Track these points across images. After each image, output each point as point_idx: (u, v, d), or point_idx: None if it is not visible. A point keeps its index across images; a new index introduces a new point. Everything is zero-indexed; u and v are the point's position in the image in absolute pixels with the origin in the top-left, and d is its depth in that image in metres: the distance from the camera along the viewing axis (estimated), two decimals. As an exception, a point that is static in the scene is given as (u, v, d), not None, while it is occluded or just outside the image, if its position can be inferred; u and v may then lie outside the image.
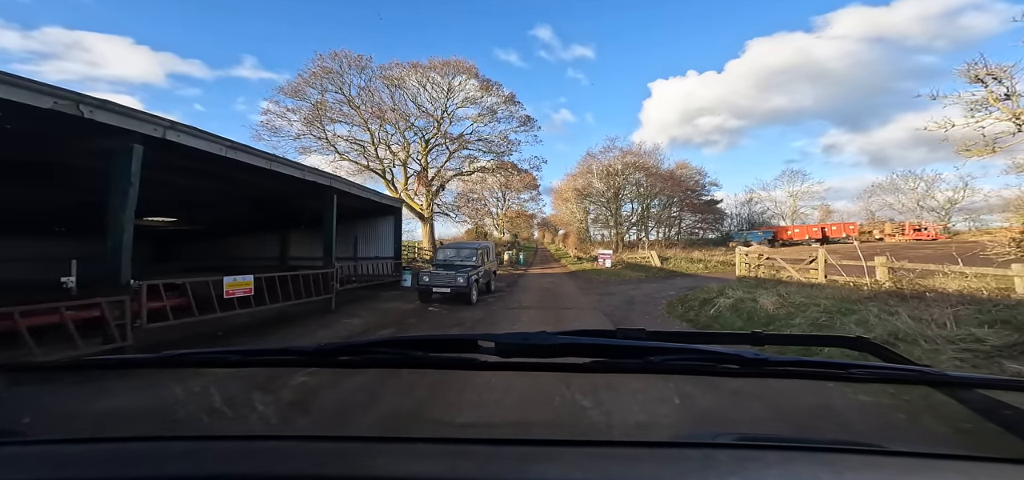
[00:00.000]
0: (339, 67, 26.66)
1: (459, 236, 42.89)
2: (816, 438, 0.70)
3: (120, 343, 4.99)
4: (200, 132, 6.63)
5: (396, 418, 1.08)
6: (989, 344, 4.39)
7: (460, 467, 0.59)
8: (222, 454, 0.63)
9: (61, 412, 0.92)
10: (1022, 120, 5.53)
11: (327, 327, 8.69)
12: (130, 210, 5.61)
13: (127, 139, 5.63)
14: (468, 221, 44.72)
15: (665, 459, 0.61)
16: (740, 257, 12.77)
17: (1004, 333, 4.45)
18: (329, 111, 27.09)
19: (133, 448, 0.67)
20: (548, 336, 0.79)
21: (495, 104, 29.62)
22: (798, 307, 7.39)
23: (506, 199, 45.68)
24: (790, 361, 0.79)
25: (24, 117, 4.90)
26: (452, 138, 29.71)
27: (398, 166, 29.73)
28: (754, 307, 8.31)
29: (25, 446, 0.69)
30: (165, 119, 5.97)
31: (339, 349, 0.88)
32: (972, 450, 0.65)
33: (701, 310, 9.56)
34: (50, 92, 4.71)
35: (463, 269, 12.09)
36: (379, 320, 9.59)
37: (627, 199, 45.55)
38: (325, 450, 0.63)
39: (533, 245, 55.27)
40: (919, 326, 5.11)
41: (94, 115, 5.07)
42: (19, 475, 0.59)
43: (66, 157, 7.43)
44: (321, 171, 11.82)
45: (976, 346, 4.45)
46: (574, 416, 1.49)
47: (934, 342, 4.76)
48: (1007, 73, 5.73)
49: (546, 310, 11.08)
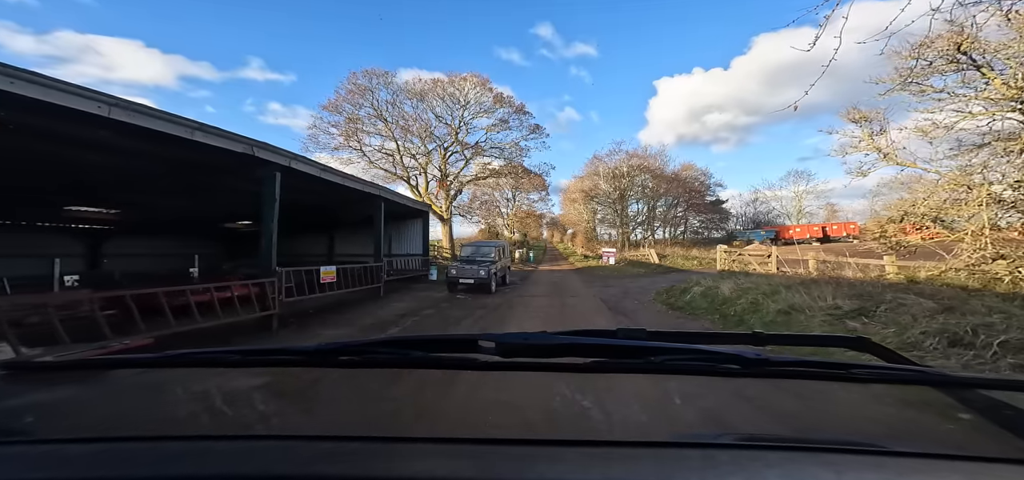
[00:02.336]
0: (369, 83, 29.79)
1: (474, 235, 45.53)
2: (817, 438, 0.70)
3: (273, 311, 7.57)
4: (310, 161, 9.23)
5: (396, 418, 1.02)
6: (843, 309, 6.67)
7: (460, 467, 0.58)
8: (222, 454, 0.63)
9: (62, 411, 0.90)
10: (884, 152, 7.55)
11: (382, 308, 11.18)
12: (275, 219, 8.21)
13: (273, 169, 8.19)
14: (482, 221, 47.28)
15: (666, 459, 0.61)
16: (720, 254, 14.99)
17: (855, 303, 6.71)
18: (362, 125, 30.18)
19: (133, 448, 0.67)
20: (549, 336, 0.80)
21: (507, 115, 32.24)
22: (745, 291, 9.64)
23: (516, 199, 48.02)
24: (791, 361, 0.80)
25: (225, 157, 7.52)
26: (468, 146, 32.44)
27: (420, 173, 32.57)
28: (717, 293, 10.56)
29: (25, 445, 0.69)
30: (289, 152, 8.59)
31: (339, 349, 0.89)
32: (973, 450, 0.64)
33: (680, 297, 11.83)
34: (242, 141, 7.29)
35: (484, 264, 14.52)
36: (420, 304, 12.05)
37: (633, 199, 47.51)
38: (325, 450, 0.63)
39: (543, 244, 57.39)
40: (810, 300, 7.38)
41: (257, 153, 7.66)
42: (20, 475, 0.59)
43: (230, 183, 10.16)
44: (375, 184, 14.49)
45: (836, 311, 6.73)
46: (574, 416, 1.25)
47: (814, 311, 7.03)
48: (878, 115, 7.79)
49: (553, 298, 13.45)
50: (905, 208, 7.31)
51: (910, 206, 7.17)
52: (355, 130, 30.23)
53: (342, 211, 16.07)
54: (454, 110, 31.53)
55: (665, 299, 12.27)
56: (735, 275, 12.95)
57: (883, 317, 5.96)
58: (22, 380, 1.02)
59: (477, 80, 30.99)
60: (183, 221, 17.30)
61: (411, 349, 0.84)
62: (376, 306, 11.37)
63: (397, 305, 11.69)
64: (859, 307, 6.53)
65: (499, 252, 16.06)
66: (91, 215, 15.00)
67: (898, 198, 7.72)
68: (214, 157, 7.42)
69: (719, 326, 8.26)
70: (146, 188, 10.94)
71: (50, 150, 7.46)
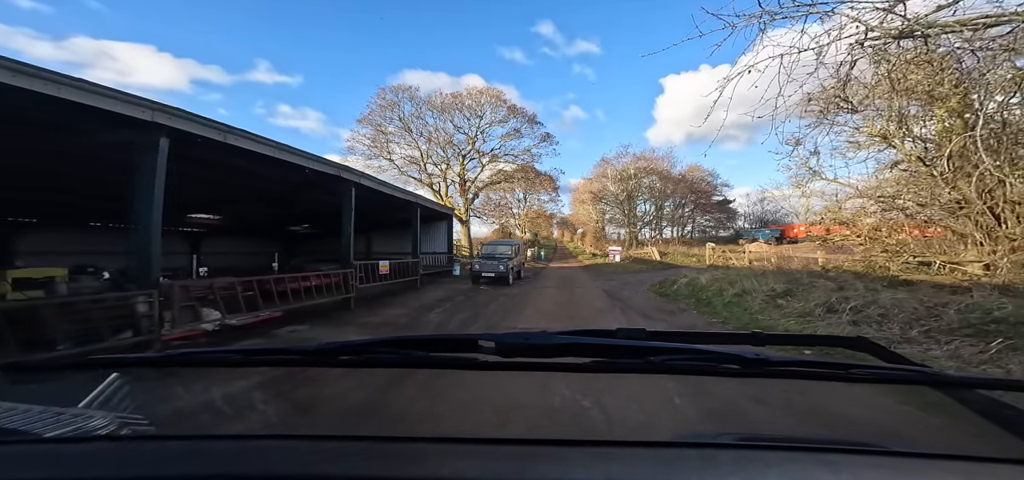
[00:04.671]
0: (396, 97, 33.31)
1: (488, 235, 48.15)
2: (817, 438, 0.70)
3: (351, 294, 10.17)
4: (374, 179, 11.91)
5: (396, 418, 1.07)
6: (777, 290, 8.94)
7: (460, 467, 0.59)
8: (222, 454, 0.63)
9: (62, 411, 0.90)
10: (813, 169, 9.76)
11: (422, 296, 13.66)
12: (351, 223, 10.86)
13: (349, 185, 10.85)
14: (495, 222, 49.86)
15: (666, 459, 0.61)
16: (708, 251, 17.21)
17: (785, 286, 8.97)
18: (391, 136, 33.40)
19: (134, 447, 0.67)
20: (548, 336, 0.79)
21: (520, 124, 35.09)
22: (717, 281, 11.90)
23: (527, 200, 50.49)
24: (790, 361, 0.80)
25: (320, 178, 10.20)
26: (484, 153, 35.32)
27: (441, 179, 35.67)
28: (697, 283, 12.82)
29: (26, 445, 0.70)
30: (358, 170, 11.24)
31: (340, 349, 0.88)
32: (972, 450, 0.64)
33: (669, 287, 14.09)
34: (333, 165, 9.96)
35: (502, 260, 16.98)
36: (452, 293, 14.52)
37: (641, 200, 49.47)
38: (325, 450, 0.63)
39: (553, 243, 59.41)
40: (757, 285, 9.65)
41: (342, 174, 10.32)
42: (19, 474, 0.59)
43: (314, 195, 12.98)
44: (412, 193, 17.12)
45: (772, 292, 9.00)
46: (575, 415, 1.48)
47: (758, 293, 9.30)
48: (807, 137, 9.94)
49: (562, 289, 15.85)
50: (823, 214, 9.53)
51: (825, 212, 9.39)
52: (386, 142, 33.63)
53: (383, 215, 18.79)
54: (471, 120, 34.45)
55: (657, 289, 14.55)
56: (717, 269, 15.17)
57: (799, 295, 8.23)
58: (22, 380, 1.00)
59: (492, 93, 33.89)
60: (261, 224, 20.39)
61: (411, 349, 0.82)
62: (416, 294, 13.91)
63: (433, 294, 14.19)
64: (787, 289, 8.80)
65: (515, 250, 18.55)
66: (202, 221, 18.58)
67: (822, 206, 9.92)
68: (312, 178, 10.08)
69: (693, 306, 10.53)
70: (249, 200, 13.75)
71: (217, 177, 10.22)
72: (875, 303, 6.27)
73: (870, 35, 4.88)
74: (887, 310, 5.93)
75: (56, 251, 14.68)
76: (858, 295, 6.91)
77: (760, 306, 8.53)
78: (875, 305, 6.21)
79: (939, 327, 5.18)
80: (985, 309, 4.98)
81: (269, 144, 8.19)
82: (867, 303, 6.44)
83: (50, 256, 13.60)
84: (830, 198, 9.41)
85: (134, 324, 5.42)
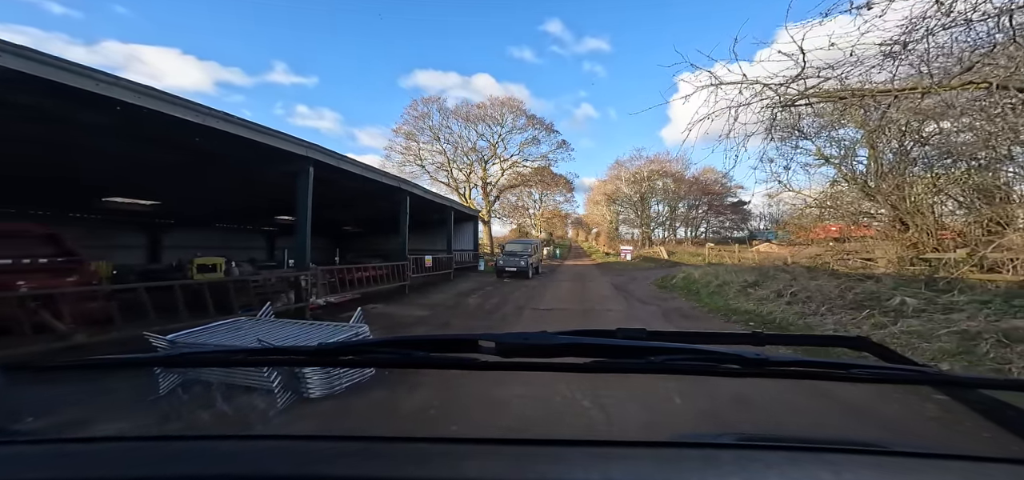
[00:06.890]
0: (427, 109, 37.10)
1: (507, 235, 50.87)
2: (817, 438, 0.70)
3: (406, 282, 12.80)
4: (422, 188, 14.55)
5: (396, 418, 1.07)
6: (749, 281, 11.12)
7: (460, 467, 0.59)
8: (222, 454, 0.64)
9: (62, 411, 0.91)
10: (782, 182, 11.95)
11: (457, 286, 16.18)
12: (406, 224, 13.57)
13: (404, 194, 13.52)
14: (512, 222, 52.50)
15: (666, 459, 0.61)
16: (707, 250, 19.27)
17: (755, 278, 11.15)
18: (422, 144, 36.72)
19: (134, 447, 0.68)
20: (548, 336, 0.79)
21: (537, 133, 37.87)
22: (708, 275, 14.09)
23: (543, 201, 52.88)
24: (791, 361, 0.80)
25: (383, 189, 12.94)
26: (504, 159, 38.13)
27: (465, 183, 38.71)
28: (692, 278, 15.01)
29: (25, 445, 0.70)
30: (413, 183, 13.88)
31: (340, 349, 0.88)
32: (972, 450, 0.64)
33: (669, 282, 16.28)
34: (394, 178, 12.76)
35: (523, 256, 19.45)
36: (481, 285, 17.00)
37: (655, 201, 51.24)
38: (325, 450, 0.64)
39: (568, 243, 61.45)
40: (736, 278, 11.83)
41: (401, 185, 12.96)
42: (19, 474, 0.59)
43: (376, 203, 15.71)
44: (447, 198, 19.81)
45: (745, 282, 11.18)
46: (575, 415, 1.48)
47: (735, 284, 11.49)
48: (782, 155, 12.04)
49: (576, 282, 18.21)
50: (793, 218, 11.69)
51: (791, 218, 11.55)
52: (418, 149, 37.18)
53: (421, 216, 21.70)
54: (493, 129, 37.32)
55: (659, 283, 16.74)
56: (710, 266, 17.28)
57: (764, 285, 10.41)
58: (22, 380, 1.00)
59: (514, 104, 36.75)
60: (328, 226, 23.27)
61: (411, 349, 0.81)
62: (452, 285, 16.48)
63: (465, 284, 16.73)
64: (756, 280, 10.98)
65: (534, 248, 21.08)
66: (282, 222, 21.71)
67: (791, 211, 12.11)
68: (379, 189, 12.78)
69: (683, 295, 12.74)
70: (327, 206, 16.61)
71: (316, 190, 12.92)
72: (807, 289, 8.46)
73: (773, 100, 7.09)
74: (812, 294, 8.11)
75: (183, 245, 18.92)
76: (800, 284, 9.08)
77: (734, 294, 10.73)
78: (806, 291, 8.40)
79: (841, 304, 7.38)
80: (869, 292, 7.14)
81: (359, 165, 10.85)
82: (803, 289, 8.62)
83: (181, 250, 17.91)
84: (797, 207, 11.56)
85: (297, 293, 8.12)
